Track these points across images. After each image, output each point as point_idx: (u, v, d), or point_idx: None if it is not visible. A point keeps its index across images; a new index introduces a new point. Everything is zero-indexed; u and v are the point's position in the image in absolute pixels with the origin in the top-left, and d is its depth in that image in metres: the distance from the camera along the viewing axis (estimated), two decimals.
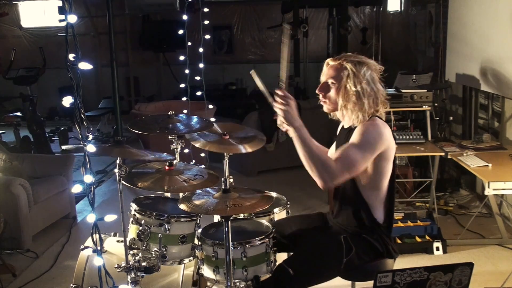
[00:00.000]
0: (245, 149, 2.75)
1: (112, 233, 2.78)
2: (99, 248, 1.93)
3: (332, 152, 2.60)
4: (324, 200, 5.12)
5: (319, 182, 2.15)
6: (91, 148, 1.89)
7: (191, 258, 2.47)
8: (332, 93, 2.33)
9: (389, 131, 2.29)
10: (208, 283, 2.42)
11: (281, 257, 2.50)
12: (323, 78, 2.39)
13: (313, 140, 2.20)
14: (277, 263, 2.38)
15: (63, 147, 2.31)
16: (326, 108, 2.41)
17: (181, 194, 2.44)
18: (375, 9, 8.97)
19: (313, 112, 2.49)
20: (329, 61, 2.37)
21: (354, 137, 2.23)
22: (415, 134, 4.25)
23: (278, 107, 2.17)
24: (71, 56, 1.77)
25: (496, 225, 4.14)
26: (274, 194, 2.83)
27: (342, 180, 2.17)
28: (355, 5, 8.05)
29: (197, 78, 4.48)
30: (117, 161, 2.29)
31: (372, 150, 2.21)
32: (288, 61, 2.27)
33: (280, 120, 2.20)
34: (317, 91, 2.40)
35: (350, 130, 2.34)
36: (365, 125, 2.25)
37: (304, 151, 2.15)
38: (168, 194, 2.75)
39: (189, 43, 4.49)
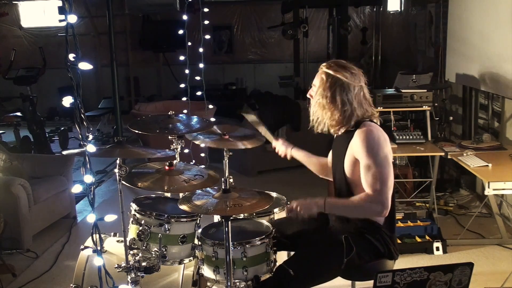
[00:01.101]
0: (245, 145, 2.78)
1: (112, 233, 2.77)
2: (99, 248, 1.93)
3: (330, 159, 2.61)
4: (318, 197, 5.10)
5: (376, 217, 2.32)
6: (91, 148, 1.89)
7: (191, 258, 2.47)
8: (314, 96, 2.42)
9: (384, 134, 2.31)
10: (208, 283, 2.42)
11: (281, 256, 2.50)
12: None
13: (338, 200, 2.38)
14: (277, 263, 2.39)
15: (64, 152, 2.30)
16: None
17: (181, 194, 2.44)
18: (375, 9, 8.98)
19: None
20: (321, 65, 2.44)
21: (364, 160, 2.25)
22: (415, 134, 4.24)
23: (296, 214, 2.33)
24: (71, 56, 1.77)
25: (496, 225, 4.14)
26: (274, 194, 2.83)
27: (389, 200, 2.24)
28: (355, 5, 8.04)
29: (197, 78, 4.47)
30: (117, 161, 2.29)
31: (385, 156, 2.26)
32: None
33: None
34: (307, 95, 2.49)
35: (346, 138, 2.36)
36: (363, 141, 2.26)
37: (343, 212, 2.36)
38: (168, 194, 2.75)
39: (189, 43, 4.49)
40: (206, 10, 4.92)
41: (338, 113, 2.32)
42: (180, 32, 4.39)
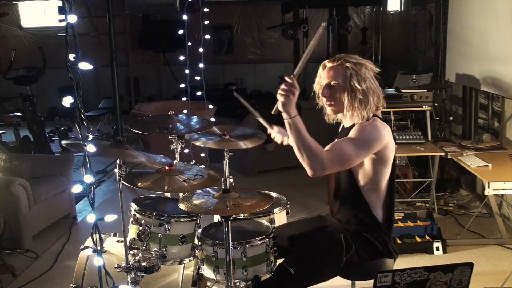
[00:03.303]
0: (245, 145, 2.78)
1: (112, 233, 2.77)
2: (99, 248, 1.93)
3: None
4: (324, 200, 5.12)
5: (308, 171, 2.12)
6: (91, 148, 1.88)
7: (191, 258, 2.47)
8: (337, 93, 2.32)
9: (389, 131, 2.30)
10: (208, 283, 2.42)
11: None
12: (323, 81, 2.36)
13: (303, 129, 2.14)
14: (277, 263, 2.39)
15: (63, 142, 2.32)
16: (331, 110, 2.39)
17: (181, 194, 2.44)
18: (375, 9, 8.98)
19: (313, 112, 2.48)
20: (327, 63, 2.36)
21: (352, 133, 2.25)
22: (415, 134, 4.25)
23: (280, 93, 2.11)
24: (71, 56, 1.77)
25: (496, 225, 4.14)
26: (274, 194, 2.83)
27: (331, 171, 2.17)
28: (355, 5, 8.04)
29: (197, 78, 4.48)
30: (117, 161, 2.29)
31: (368, 147, 2.21)
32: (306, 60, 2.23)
33: (278, 105, 2.15)
34: (321, 95, 2.37)
35: (351, 127, 2.35)
36: (364, 123, 2.27)
37: (297, 139, 2.11)
38: (168, 194, 2.75)
39: (189, 43, 4.48)
40: (206, 10, 4.92)
41: (376, 99, 2.30)
42: (180, 32, 4.39)
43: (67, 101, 1.82)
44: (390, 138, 2.30)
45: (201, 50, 4.58)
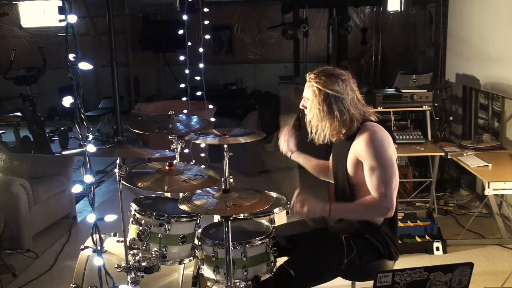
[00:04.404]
0: (245, 140, 2.79)
1: (112, 233, 2.77)
2: (99, 248, 1.93)
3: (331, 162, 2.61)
4: (324, 200, 5.10)
5: (383, 217, 2.34)
6: (91, 148, 1.88)
7: (191, 258, 2.47)
8: (307, 110, 2.41)
9: (386, 134, 2.31)
10: (208, 283, 2.42)
11: (282, 260, 2.50)
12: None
13: (343, 204, 2.38)
14: (277, 264, 2.39)
15: (64, 152, 2.33)
16: None
17: (181, 194, 2.44)
18: (375, 9, 8.98)
19: None
20: (307, 76, 2.41)
21: (369, 162, 2.25)
22: (415, 134, 4.25)
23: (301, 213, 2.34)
24: (71, 56, 1.77)
25: (496, 225, 4.14)
26: (274, 194, 2.83)
27: (394, 201, 2.25)
28: (355, 5, 8.04)
29: (197, 78, 4.48)
30: (117, 161, 2.29)
31: (390, 157, 2.26)
32: None
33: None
34: (300, 107, 2.48)
35: (347, 140, 2.36)
36: (367, 143, 2.25)
37: (349, 216, 2.36)
38: (168, 194, 2.75)
39: (189, 43, 4.49)
40: (206, 10, 4.92)
41: (338, 122, 2.31)
42: (180, 32, 4.39)
43: (67, 101, 1.83)
44: (391, 140, 2.32)
45: (201, 50, 4.59)
